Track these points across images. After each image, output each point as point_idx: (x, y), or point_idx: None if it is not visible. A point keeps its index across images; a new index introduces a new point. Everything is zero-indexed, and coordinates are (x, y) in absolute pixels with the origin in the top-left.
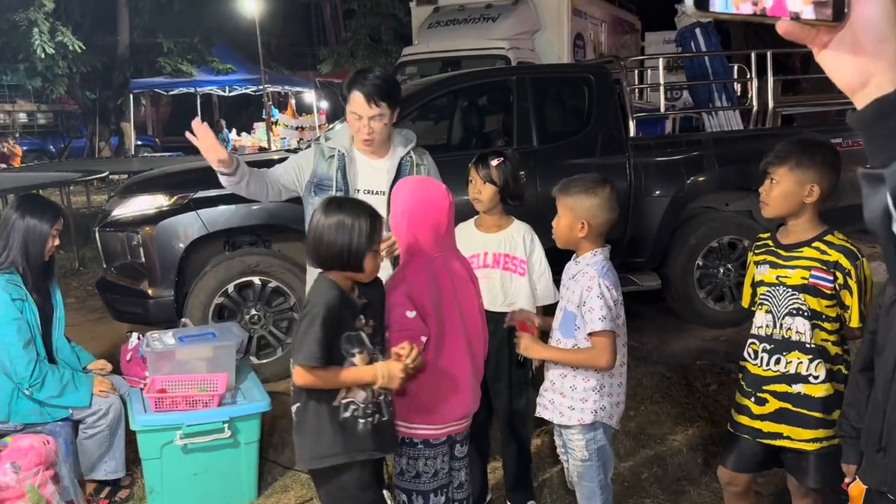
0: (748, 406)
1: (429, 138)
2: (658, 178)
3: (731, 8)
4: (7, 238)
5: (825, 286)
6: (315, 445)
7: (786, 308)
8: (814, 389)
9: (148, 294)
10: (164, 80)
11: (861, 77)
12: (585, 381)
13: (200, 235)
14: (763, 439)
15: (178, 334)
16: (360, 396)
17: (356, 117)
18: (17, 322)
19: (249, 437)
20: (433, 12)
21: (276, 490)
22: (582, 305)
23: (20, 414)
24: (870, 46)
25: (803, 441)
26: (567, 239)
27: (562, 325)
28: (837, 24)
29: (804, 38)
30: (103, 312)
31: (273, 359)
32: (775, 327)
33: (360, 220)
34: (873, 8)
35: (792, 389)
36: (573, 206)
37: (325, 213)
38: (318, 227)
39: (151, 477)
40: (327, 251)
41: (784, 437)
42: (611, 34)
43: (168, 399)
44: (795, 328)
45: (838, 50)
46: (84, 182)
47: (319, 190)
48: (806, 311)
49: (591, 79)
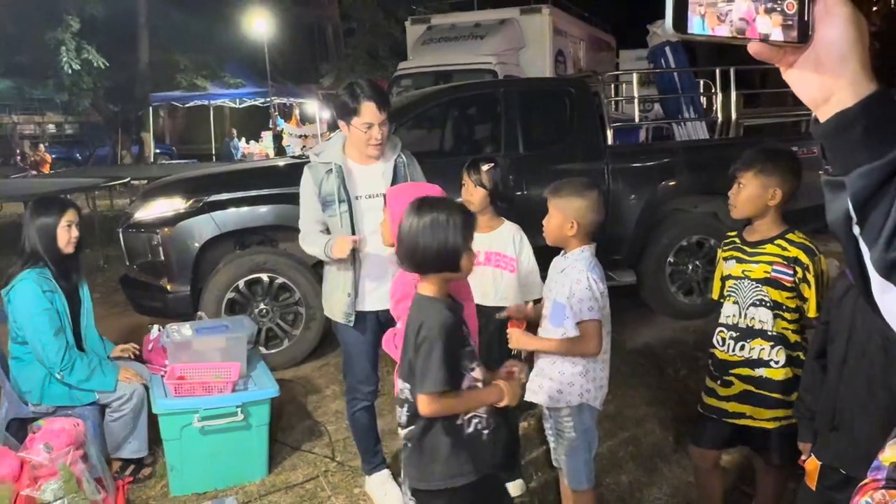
0: (715, 388)
1: (423, 146)
2: (633, 183)
3: (706, 30)
4: (26, 238)
5: (786, 279)
6: (446, 466)
7: (750, 299)
8: (775, 373)
9: (167, 289)
10: (181, 93)
11: (823, 93)
12: (573, 367)
13: (214, 236)
14: (729, 419)
15: (195, 326)
16: (483, 409)
17: (367, 126)
18: (47, 312)
19: (260, 420)
20: (426, 30)
21: (284, 468)
22: (571, 297)
23: (52, 397)
24: (831, 65)
25: (765, 420)
26: (557, 237)
27: (551, 315)
28: (802, 45)
29: (772, 58)
30: (126, 306)
31: (280, 349)
32: (741, 317)
33: (454, 216)
34: (835, 31)
35: (755, 373)
36: (564, 207)
37: (418, 214)
38: (412, 229)
39: (172, 456)
40: (424, 253)
41: (747, 416)
42: (589, 51)
43: (186, 385)
44: (759, 317)
45: (803, 68)
46: (108, 187)
47: (326, 205)
48: (768, 302)
49: (571, 91)
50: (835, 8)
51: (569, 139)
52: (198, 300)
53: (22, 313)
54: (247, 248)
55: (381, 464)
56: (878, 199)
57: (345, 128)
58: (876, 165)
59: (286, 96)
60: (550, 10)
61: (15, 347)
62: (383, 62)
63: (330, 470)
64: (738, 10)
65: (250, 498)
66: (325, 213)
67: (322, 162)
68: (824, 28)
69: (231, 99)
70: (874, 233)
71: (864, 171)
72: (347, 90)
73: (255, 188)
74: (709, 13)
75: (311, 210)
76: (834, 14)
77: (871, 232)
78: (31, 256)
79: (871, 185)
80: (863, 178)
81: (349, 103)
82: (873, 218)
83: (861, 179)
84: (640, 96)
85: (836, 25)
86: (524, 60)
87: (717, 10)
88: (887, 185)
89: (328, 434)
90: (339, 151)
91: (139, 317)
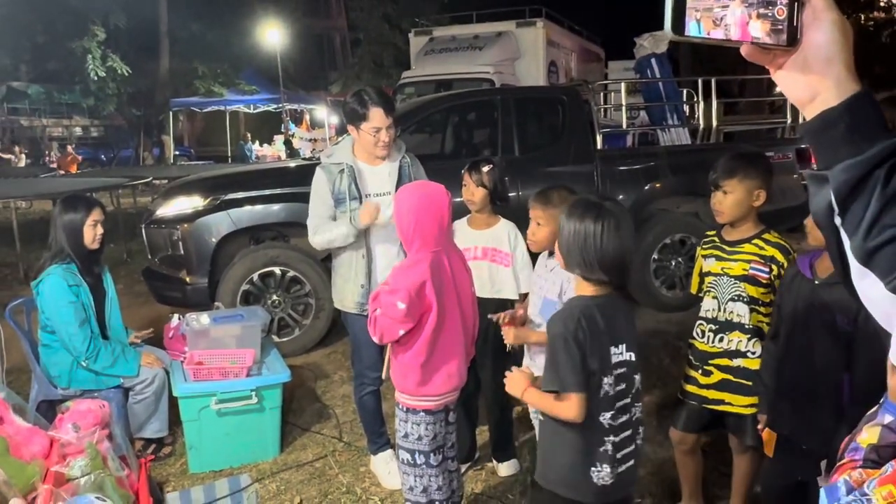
0: (696, 377)
1: (425, 148)
2: (621, 184)
3: (702, 33)
4: (54, 234)
5: (762, 276)
6: None
7: (729, 295)
8: (751, 363)
9: (186, 281)
10: (199, 99)
11: (810, 93)
12: None
13: (230, 231)
14: (708, 405)
15: (212, 315)
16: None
17: (375, 130)
18: (73, 305)
19: (273, 403)
20: (428, 41)
21: (295, 448)
22: (563, 294)
23: (79, 381)
24: (818, 67)
25: (742, 406)
26: (550, 242)
27: (542, 311)
28: (791, 48)
29: (763, 60)
30: (148, 297)
31: (291, 337)
32: (720, 311)
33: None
34: (822, 35)
35: (733, 363)
36: (554, 215)
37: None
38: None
39: (191, 436)
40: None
41: (726, 403)
42: (579, 62)
43: (204, 370)
44: (736, 311)
45: (791, 70)
46: (131, 186)
47: (339, 202)
48: (745, 297)
49: (564, 99)
50: (823, 14)
51: (561, 143)
52: (215, 291)
53: (50, 305)
54: (260, 244)
55: (386, 444)
56: (858, 192)
57: (354, 132)
58: (857, 161)
59: (297, 102)
60: (544, 23)
61: (44, 335)
62: (388, 71)
63: (337, 450)
64: (732, 15)
65: (263, 475)
66: (338, 210)
67: (334, 163)
68: (812, 32)
69: (246, 104)
70: (854, 223)
71: (846, 166)
72: (356, 97)
73: (268, 188)
74: (704, 17)
75: (324, 206)
76: (822, 19)
77: (852, 223)
78: (58, 252)
79: (852, 179)
80: (845, 173)
81: (358, 109)
82: (854, 210)
83: (843, 174)
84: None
85: (824, 30)
86: (520, 70)
87: (712, 15)
88: (867, 179)
89: (336, 417)
90: (348, 153)
91: (160, 306)
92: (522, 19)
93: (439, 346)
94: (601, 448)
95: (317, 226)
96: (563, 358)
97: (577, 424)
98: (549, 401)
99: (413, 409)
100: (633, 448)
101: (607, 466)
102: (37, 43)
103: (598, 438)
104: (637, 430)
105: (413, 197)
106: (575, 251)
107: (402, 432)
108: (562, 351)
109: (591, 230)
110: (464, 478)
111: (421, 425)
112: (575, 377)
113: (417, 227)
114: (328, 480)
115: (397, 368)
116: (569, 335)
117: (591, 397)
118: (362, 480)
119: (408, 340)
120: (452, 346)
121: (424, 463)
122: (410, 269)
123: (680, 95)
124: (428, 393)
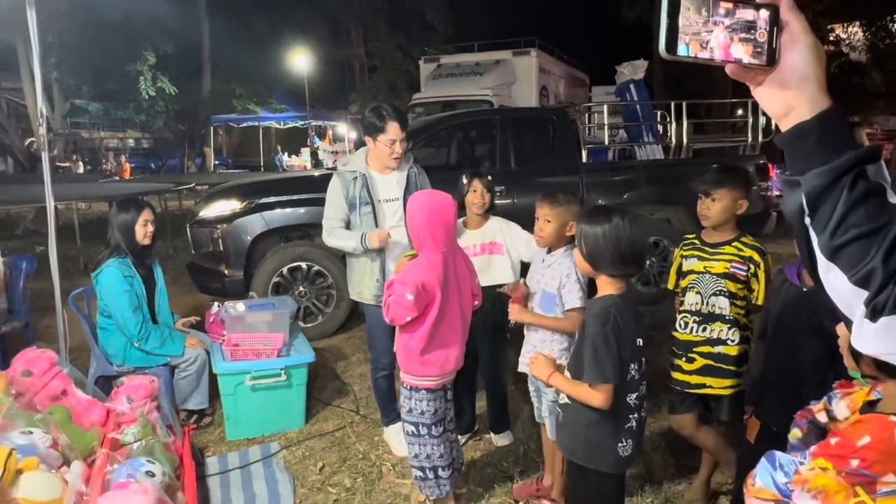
0: (680, 365)
1: (433, 161)
2: (603, 193)
3: (691, 53)
4: (111, 232)
5: (740, 274)
6: None
7: (711, 290)
8: (730, 350)
9: (225, 274)
10: (236, 116)
11: (786, 107)
12: (560, 344)
13: (263, 231)
14: (691, 390)
15: (247, 304)
16: None
17: (391, 142)
18: (127, 294)
19: (299, 380)
20: (436, 68)
21: (318, 420)
22: (562, 288)
23: (132, 359)
24: (794, 85)
25: (721, 388)
26: (555, 239)
27: (542, 304)
28: (770, 67)
29: (745, 78)
30: (192, 287)
31: (315, 323)
32: (703, 304)
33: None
34: (798, 56)
35: (714, 350)
36: (563, 213)
37: (612, 217)
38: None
39: (228, 407)
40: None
41: (707, 386)
42: (567, 87)
43: (240, 351)
44: (718, 305)
45: (770, 87)
46: (176, 191)
47: (352, 207)
48: (726, 292)
49: (554, 119)
50: (799, 37)
51: (551, 157)
52: (249, 283)
53: (107, 293)
54: (289, 242)
55: (396, 418)
56: (826, 196)
57: (371, 142)
58: (826, 168)
59: (321, 119)
60: (537, 52)
61: (102, 319)
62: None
63: (355, 421)
64: (717, 39)
65: (290, 443)
66: (352, 214)
67: (349, 171)
68: (789, 54)
69: (277, 121)
70: (822, 223)
71: (817, 173)
72: (375, 112)
73: (296, 193)
74: (693, 41)
75: (338, 210)
76: (799, 42)
77: (820, 222)
78: (114, 247)
79: (821, 184)
80: (815, 179)
81: (377, 122)
82: (822, 211)
83: (814, 179)
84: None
85: (800, 52)
86: (515, 93)
87: (700, 39)
88: (835, 184)
89: (354, 392)
90: (362, 162)
91: (202, 296)
92: (518, 49)
93: (439, 335)
94: (627, 425)
95: (331, 228)
96: (604, 354)
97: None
98: (579, 387)
99: (416, 387)
100: (643, 420)
101: (631, 440)
102: (96, 66)
103: (625, 416)
104: (643, 404)
105: (424, 204)
106: (606, 252)
107: (407, 408)
108: (602, 347)
109: (621, 228)
110: (464, 447)
111: (423, 402)
112: (614, 370)
113: (427, 230)
114: (347, 448)
115: (402, 352)
116: (608, 333)
117: (621, 383)
118: (376, 448)
119: (412, 327)
120: (451, 335)
121: (427, 434)
122: (420, 266)
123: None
124: (428, 374)
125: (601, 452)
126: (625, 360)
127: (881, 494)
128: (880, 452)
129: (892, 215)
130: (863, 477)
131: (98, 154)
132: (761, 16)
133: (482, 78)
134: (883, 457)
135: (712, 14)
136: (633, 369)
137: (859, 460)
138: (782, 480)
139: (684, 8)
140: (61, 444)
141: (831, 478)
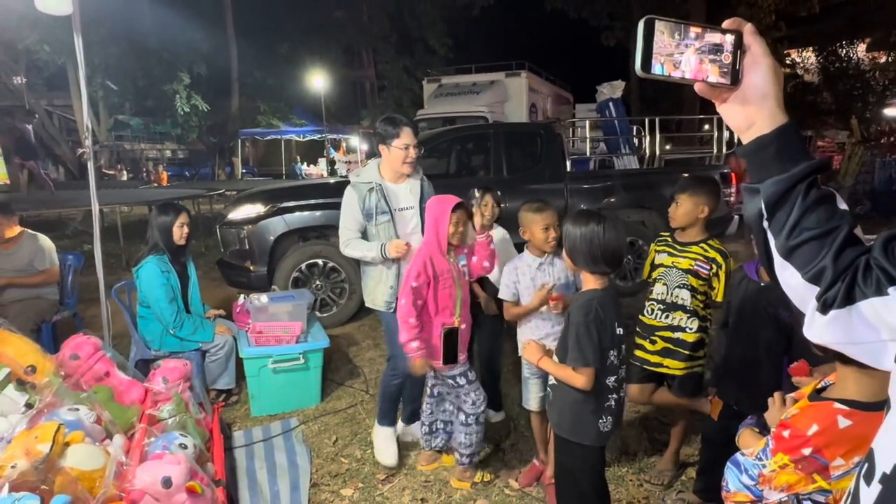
0: (643, 344)
1: (434, 170)
2: (585, 199)
3: (665, 72)
4: (150, 232)
5: (703, 272)
6: None
7: (676, 283)
8: (688, 336)
9: (250, 269)
10: (261, 130)
11: (747, 122)
12: (551, 329)
13: (284, 231)
14: (650, 367)
15: (270, 296)
16: None
17: (405, 147)
18: (164, 287)
19: (316, 363)
20: (438, 87)
21: (332, 398)
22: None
23: (168, 345)
24: (755, 102)
25: (675, 369)
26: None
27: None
28: (734, 86)
29: (711, 95)
30: (221, 281)
31: (330, 313)
32: (668, 294)
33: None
34: (759, 77)
35: (674, 335)
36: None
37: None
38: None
39: (253, 387)
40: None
41: (664, 366)
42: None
43: (264, 338)
44: (681, 296)
45: (733, 103)
46: (208, 196)
47: (369, 217)
48: (689, 286)
49: (542, 133)
50: (760, 59)
51: (539, 166)
52: (272, 277)
53: (146, 287)
54: (307, 241)
55: (390, 423)
56: (783, 201)
57: (385, 150)
58: (783, 177)
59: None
60: (527, 74)
61: (141, 310)
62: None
63: (364, 400)
64: (688, 60)
65: (308, 419)
66: (368, 223)
67: (363, 182)
68: (751, 74)
69: (297, 134)
70: (779, 226)
71: (775, 181)
72: (388, 121)
73: (314, 198)
74: (666, 61)
75: (354, 220)
76: (759, 64)
77: (777, 225)
78: (153, 246)
79: (779, 191)
80: (773, 186)
81: (391, 129)
82: (779, 215)
83: (772, 186)
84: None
85: (761, 72)
86: (508, 110)
87: (672, 59)
88: (791, 191)
89: (364, 374)
90: (375, 173)
91: (230, 289)
92: (510, 71)
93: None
94: (606, 404)
95: (349, 239)
96: (586, 341)
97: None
98: (565, 370)
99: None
100: (622, 399)
101: (610, 417)
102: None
103: (605, 396)
104: (622, 386)
105: (439, 205)
106: (581, 251)
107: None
108: (584, 335)
109: (595, 231)
110: None
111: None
112: (594, 355)
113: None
114: (357, 423)
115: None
116: (590, 322)
117: (601, 367)
118: None
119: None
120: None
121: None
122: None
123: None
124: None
125: (584, 427)
126: (605, 347)
127: (835, 479)
128: (827, 437)
129: (841, 219)
130: (817, 463)
131: (139, 164)
132: (727, 40)
133: (478, 96)
134: (830, 440)
135: (683, 37)
136: (612, 355)
137: (812, 448)
138: (749, 483)
139: (658, 32)
140: (104, 419)
141: (790, 472)
